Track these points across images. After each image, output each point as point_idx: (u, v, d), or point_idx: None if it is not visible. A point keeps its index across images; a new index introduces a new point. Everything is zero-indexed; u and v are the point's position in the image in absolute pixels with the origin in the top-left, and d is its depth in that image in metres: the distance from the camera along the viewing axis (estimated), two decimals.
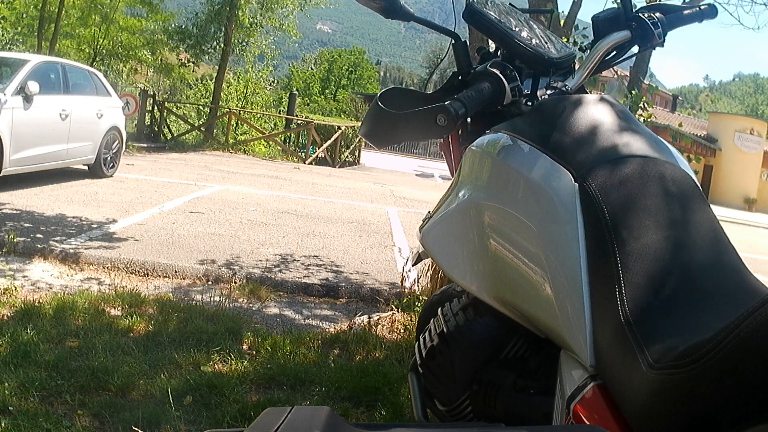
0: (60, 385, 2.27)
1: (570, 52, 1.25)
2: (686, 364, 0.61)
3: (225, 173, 10.31)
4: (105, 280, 3.86)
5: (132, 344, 2.73)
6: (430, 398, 1.20)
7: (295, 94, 21.70)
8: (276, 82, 30.62)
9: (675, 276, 0.78)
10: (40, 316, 2.92)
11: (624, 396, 0.71)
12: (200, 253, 4.60)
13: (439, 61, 1.74)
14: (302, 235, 5.79)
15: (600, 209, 0.85)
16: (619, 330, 0.74)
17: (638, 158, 0.92)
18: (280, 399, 2.41)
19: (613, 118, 1.00)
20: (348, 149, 17.54)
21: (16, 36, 16.43)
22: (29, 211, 5.32)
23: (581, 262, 0.83)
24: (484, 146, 1.11)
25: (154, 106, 15.91)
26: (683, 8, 1.39)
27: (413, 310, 3.48)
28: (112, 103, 8.21)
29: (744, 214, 20.38)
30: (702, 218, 0.87)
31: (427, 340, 1.18)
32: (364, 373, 2.65)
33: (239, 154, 15.26)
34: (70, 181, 7.29)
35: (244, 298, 3.76)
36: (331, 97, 50.83)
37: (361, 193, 10.00)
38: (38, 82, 6.33)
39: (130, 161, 9.98)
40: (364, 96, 39.84)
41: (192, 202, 6.82)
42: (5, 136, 5.90)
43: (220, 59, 17.41)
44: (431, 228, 1.17)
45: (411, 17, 1.17)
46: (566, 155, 0.94)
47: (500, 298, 1.00)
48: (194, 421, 2.16)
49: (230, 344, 2.84)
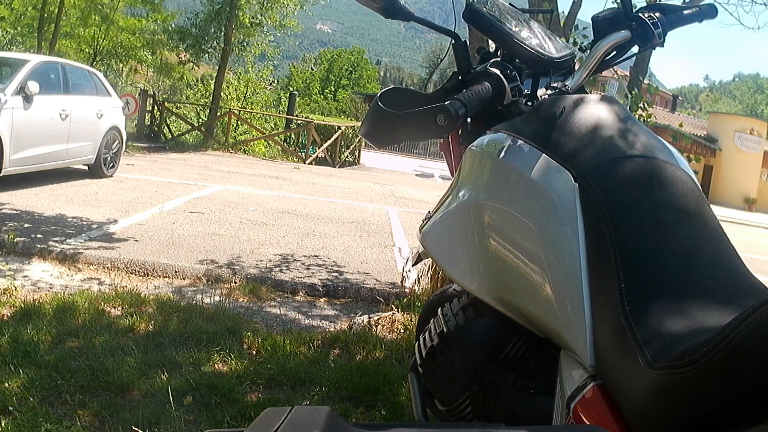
0: (60, 385, 2.27)
1: (570, 52, 1.25)
2: (686, 364, 0.61)
3: (225, 173, 10.31)
4: (105, 280, 3.86)
5: (132, 344, 2.73)
6: (430, 398, 1.20)
7: (295, 94, 21.69)
8: (276, 82, 30.61)
9: (675, 276, 0.78)
10: (40, 316, 2.92)
11: (624, 396, 0.71)
12: (200, 253, 4.60)
13: (439, 61, 1.74)
14: (302, 235, 5.79)
15: (600, 209, 0.85)
16: (619, 330, 0.74)
17: (638, 158, 0.92)
18: (280, 399, 2.41)
19: (613, 118, 1.00)
20: (348, 149, 17.54)
21: (15, 36, 16.43)
22: (29, 211, 5.32)
23: (581, 262, 0.83)
24: (484, 146, 1.11)
25: (154, 106, 15.91)
26: (683, 8, 1.39)
27: (413, 310, 3.47)
28: (112, 103, 8.21)
29: (744, 214, 20.37)
30: (702, 218, 0.87)
31: (427, 340, 1.18)
32: (364, 373, 2.65)
33: (239, 154, 15.26)
34: (70, 181, 7.29)
35: (244, 298, 3.76)
36: (331, 97, 50.80)
37: (361, 193, 10.00)
38: (38, 82, 6.33)
39: (130, 161, 9.99)
40: (364, 96, 39.84)
41: (192, 202, 6.82)
42: (5, 136, 5.90)
43: (220, 59, 17.41)
44: (431, 228, 1.17)
45: (411, 17, 1.17)
46: (566, 155, 0.94)
47: (500, 298, 1.00)
48: (194, 421, 2.16)
49: (230, 344, 2.84)
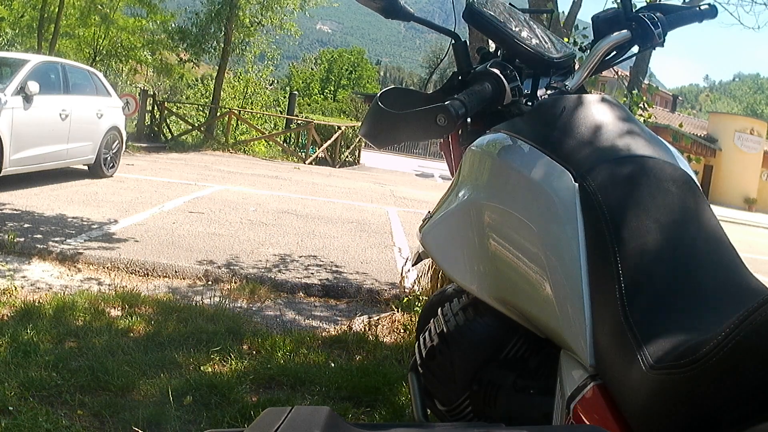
0: (60, 385, 2.27)
1: (570, 52, 1.25)
2: (686, 364, 0.61)
3: (225, 173, 10.31)
4: (105, 281, 3.86)
5: (132, 344, 2.73)
6: (430, 398, 1.20)
7: (295, 94, 21.69)
8: (276, 82, 30.62)
9: (675, 276, 0.78)
10: (40, 316, 2.92)
11: (624, 396, 0.71)
12: (200, 253, 4.60)
13: (439, 61, 1.74)
14: (302, 235, 5.79)
15: (600, 209, 0.85)
16: (619, 330, 0.74)
17: (638, 158, 0.92)
18: (280, 399, 2.41)
19: (613, 118, 1.00)
20: (348, 149, 17.53)
21: (14, 36, 16.42)
22: (29, 211, 5.32)
23: (581, 262, 0.83)
24: (484, 146, 1.11)
25: (154, 106, 15.91)
26: (683, 8, 1.39)
27: (413, 310, 3.47)
28: (112, 103, 8.21)
29: (744, 214, 20.37)
30: (702, 218, 0.87)
31: (427, 340, 1.18)
32: (364, 373, 2.65)
33: (239, 154, 15.26)
34: (70, 181, 7.29)
35: (244, 298, 3.76)
36: (331, 97, 50.80)
37: (361, 193, 10.00)
38: (38, 82, 6.33)
39: (130, 161, 9.98)
40: (364, 96, 39.85)
41: (192, 202, 6.82)
42: (5, 136, 5.90)
43: (220, 59, 17.41)
44: (431, 228, 1.17)
45: (411, 17, 1.17)
46: (566, 155, 0.94)
47: (500, 298, 1.00)
48: (194, 421, 2.16)
49: (230, 344, 2.84)
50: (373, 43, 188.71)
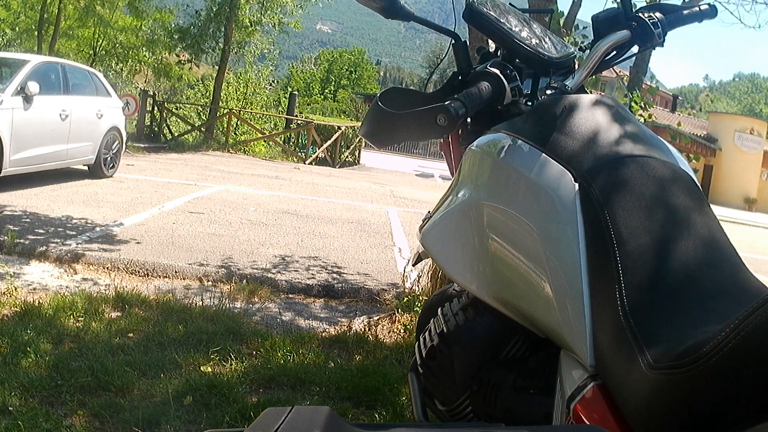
0: (60, 385, 2.27)
1: (570, 52, 1.25)
2: (686, 364, 0.61)
3: (225, 173, 10.30)
4: (105, 281, 3.86)
5: (132, 344, 2.73)
6: (430, 398, 1.20)
7: (295, 94, 21.69)
8: (276, 82, 30.62)
9: (675, 276, 0.78)
10: (40, 317, 2.92)
11: (624, 396, 0.71)
12: (200, 254, 4.60)
13: (439, 61, 1.74)
14: (302, 235, 5.78)
15: (600, 209, 0.85)
16: (619, 330, 0.74)
17: (638, 158, 0.92)
18: (280, 399, 2.41)
19: (613, 118, 1.00)
20: (348, 149, 17.54)
21: (13, 38, 16.40)
22: (29, 212, 5.32)
23: (581, 262, 0.83)
24: (484, 146, 1.11)
25: (154, 107, 15.90)
26: (683, 8, 1.39)
27: (413, 310, 3.47)
28: (112, 104, 8.21)
29: (744, 214, 20.37)
30: (702, 218, 0.87)
31: (427, 340, 1.18)
32: (364, 373, 2.65)
33: (239, 154, 15.26)
34: (70, 181, 7.29)
35: (244, 298, 3.76)
36: (331, 97, 50.80)
37: (361, 193, 10.00)
38: (38, 82, 6.33)
39: (130, 161, 9.98)
40: (364, 96, 39.87)
41: (192, 203, 6.82)
42: (5, 137, 5.90)
43: (220, 59, 17.40)
44: (431, 228, 1.17)
45: (411, 17, 1.17)
46: (566, 155, 0.94)
47: (500, 298, 1.00)
48: (194, 421, 2.16)
49: (230, 344, 2.84)
50: (373, 43, 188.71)
